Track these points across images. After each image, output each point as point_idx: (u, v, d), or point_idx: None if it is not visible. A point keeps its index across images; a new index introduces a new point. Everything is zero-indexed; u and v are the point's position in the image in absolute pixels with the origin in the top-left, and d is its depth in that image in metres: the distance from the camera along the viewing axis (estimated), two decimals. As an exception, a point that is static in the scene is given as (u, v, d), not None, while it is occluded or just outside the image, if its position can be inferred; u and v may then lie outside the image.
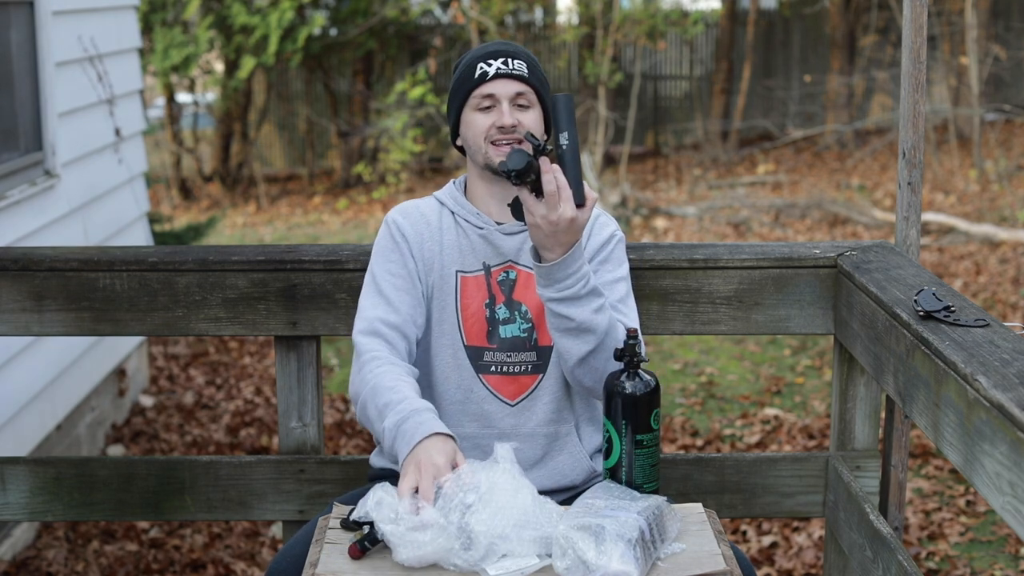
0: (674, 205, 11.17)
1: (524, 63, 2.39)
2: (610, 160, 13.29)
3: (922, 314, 2.25)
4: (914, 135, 2.77)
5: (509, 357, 2.40)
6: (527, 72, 2.38)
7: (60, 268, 2.81)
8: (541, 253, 2.21)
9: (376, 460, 2.54)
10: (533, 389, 2.41)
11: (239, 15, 12.08)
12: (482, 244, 2.43)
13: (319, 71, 13.85)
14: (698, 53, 15.57)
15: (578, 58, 14.14)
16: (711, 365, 6.51)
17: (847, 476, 2.78)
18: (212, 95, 13.96)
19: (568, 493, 2.43)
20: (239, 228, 11.40)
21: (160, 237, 7.05)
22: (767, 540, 4.25)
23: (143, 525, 4.45)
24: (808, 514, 2.95)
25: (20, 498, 2.90)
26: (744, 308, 2.83)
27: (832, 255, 2.82)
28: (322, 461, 2.88)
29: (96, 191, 5.27)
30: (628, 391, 2.18)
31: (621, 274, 2.45)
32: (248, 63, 12.17)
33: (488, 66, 2.37)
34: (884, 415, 2.90)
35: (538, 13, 15.02)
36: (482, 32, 12.39)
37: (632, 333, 2.21)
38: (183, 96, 14.03)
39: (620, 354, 2.21)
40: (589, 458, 2.45)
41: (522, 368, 2.40)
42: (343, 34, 13.24)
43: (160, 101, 14.70)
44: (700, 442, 5.31)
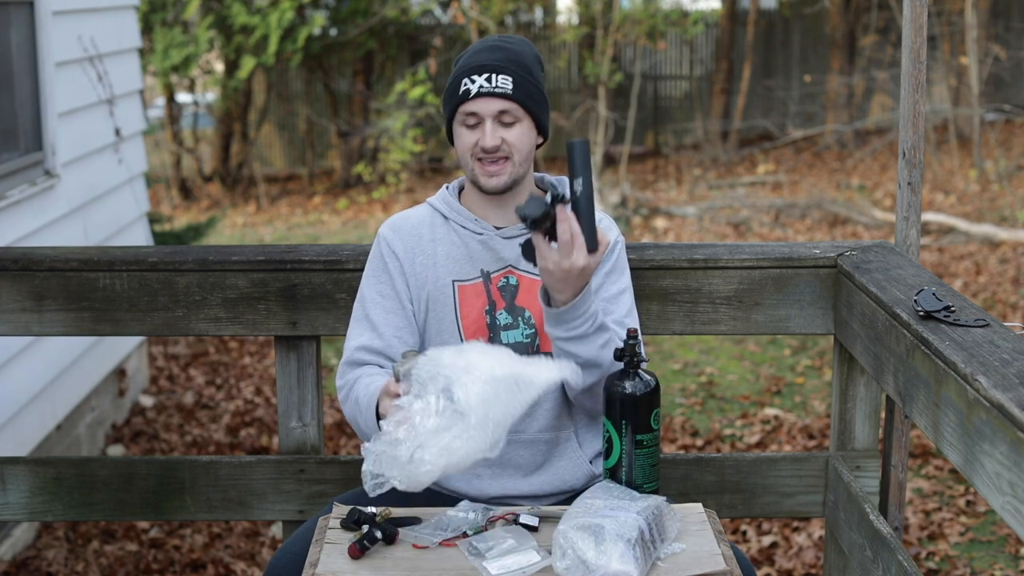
0: (674, 205, 11.17)
1: (509, 77, 2.32)
2: (610, 160, 13.30)
3: (922, 314, 2.25)
4: (914, 135, 2.77)
5: None
6: (512, 88, 2.32)
7: (60, 268, 2.81)
8: (552, 295, 2.21)
9: (376, 460, 2.55)
10: None
11: (239, 15, 12.08)
12: (480, 250, 2.41)
13: (319, 71, 13.85)
14: (698, 53, 15.57)
15: (578, 58, 14.14)
16: (711, 365, 6.51)
17: (847, 476, 2.78)
18: (212, 95, 13.96)
19: (568, 495, 2.43)
20: (239, 228, 11.40)
21: (160, 237, 7.05)
22: (767, 540, 4.25)
23: (143, 525, 4.45)
24: (808, 514, 2.95)
25: (20, 498, 2.90)
26: (744, 308, 2.83)
27: (832, 255, 2.82)
28: (322, 461, 2.88)
29: (96, 191, 5.27)
30: (628, 391, 2.18)
31: (624, 284, 2.46)
32: (248, 63, 12.17)
33: (471, 83, 2.33)
34: (884, 415, 2.90)
35: (538, 13, 15.02)
36: (482, 32, 12.39)
37: (632, 333, 2.21)
38: (183, 96, 14.03)
39: (620, 354, 2.21)
40: (589, 463, 2.45)
41: None
42: (343, 34, 13.24)
43: (160, 101, 14.70)
44: (700, 442, 5.31)
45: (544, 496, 2.42)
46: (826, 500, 2.91)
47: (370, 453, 1.95)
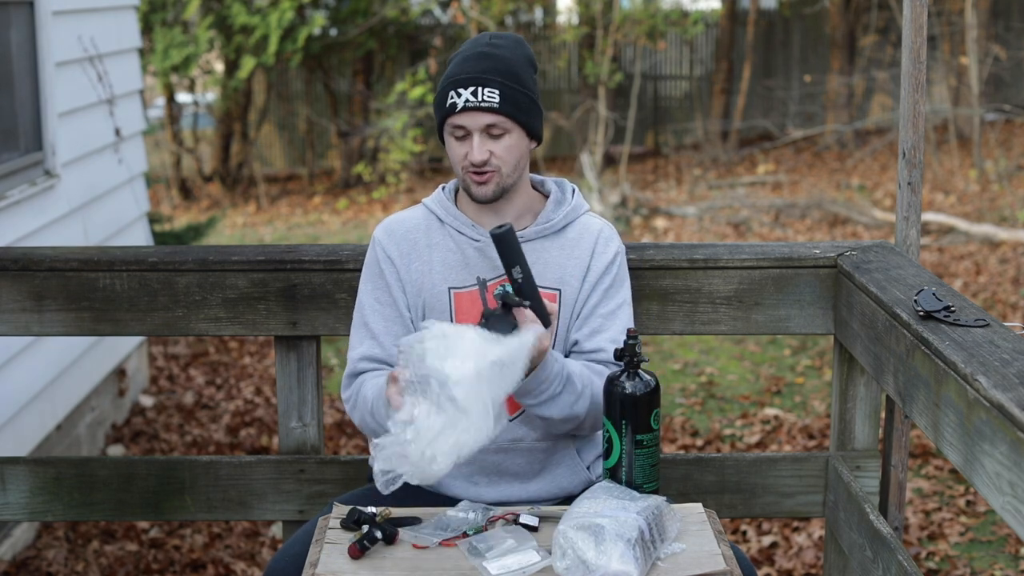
0: (674, 205, 11.17)
1: (496, 90, 2.28)
2: (610, 160, 13.30)
3: (922, 314, 2.25)
4: (914, 135, 2.77)
5: None
6: (498, 101, 2.28)
7: (60, 268, 2.81)
8: None
9: (376, 461, 2.55)
10: None
11: (239, 15, 12.08)
12: (476, 257, 2.39)
13: (319, 71, 13.85)
14: (698, 53, 15.57)
15: (578, 58, 14.14)
16: (711, 365, 6.51)
17: (847, 476, 2.78)
18: (212, 95, 13.96)
19: (566, 502, 2.43)
20: (239, 228, 11.40)
21: (160, 237, 7.05)
22: (767, 540, 4.25)
23: (143, 525, 4.45)
24: (808, 514, 2.95)
25: (20, 498, 2.90)
26: (744, 308, 2.83)
27: (832, 255, 2.82)
28: (322, 461, 2.88)
29: (96, 191, 5.27)
30: (628, 391, 2.18)
31: (622, 298, 2.44)
32: (248, 63, 12.17)
33: (458, 96, 2.30)
34: (884, 415, 2.90)
35: (538, 13, 15.01)
36: (482, 32, 12.39)
37: (632, 333, 2.21)
38: (183, 96, 14.03)
39: (620, 354, 2.21)
40: (587, 469, 2.44)
41: None
42: (343, 34, 13.24)
43: (160, 101, 14.70)
44: (700, 442, 5.31)
45: (542, 500, 2.41)
46: (826, 500, 2.91)
47: (381, 450, 1.98)
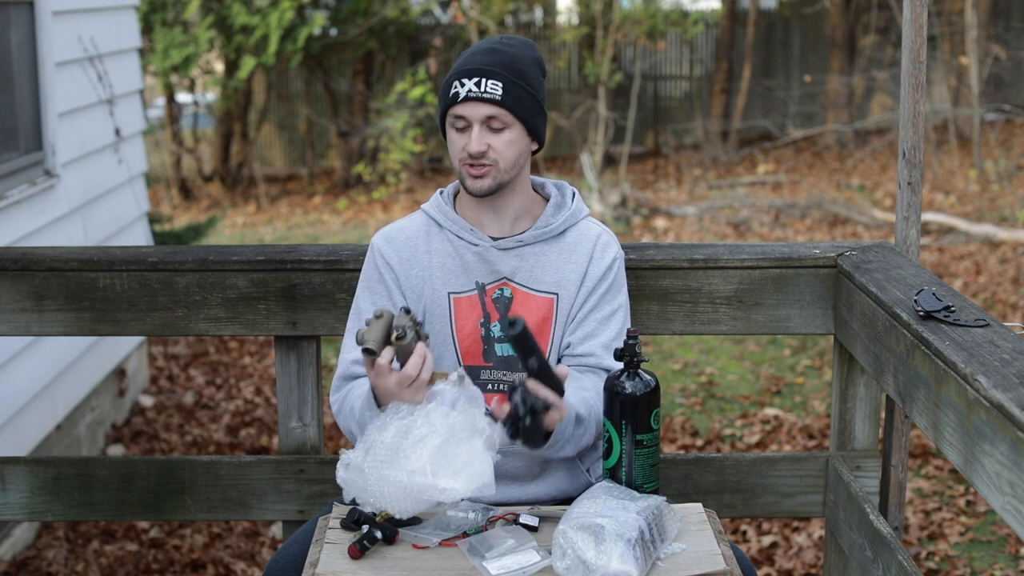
0: (674, 205, 11.17)
1: (499, 83, 2.29)
2: (610, 160, 13.30)
3: (922, 314, 2.25)
4: (914, 135, 2.77)
5: (505, 376, 2.38)
6: (501, 94, 2.29)
7: (60, 268, 2.81)
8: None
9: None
10: None
11: (239, 15, 12.08)
12: (475, 262, 2.39)
13: (319, 71, 13.85)
14: (698, 53, 15.58)
15: (578, 58, 14.14)
16: (711, 365, 6.51)
17: (847, 476, 2.78)
18: (212, 95, 13.96)
19: (565, 498, 2.43)
20: (239, 228, 11.40)
21: (160, 237, 7.05)
22: (767, 540, 4.25)
23: (143, 525, 4.45)
24: (808, 514, 2.95)
25: (20, 498, 2.90)
26: (744, 308, 2.83)
27: (832, 255, 2.82)
28: (322, 461, 2.88)
29: (96, 191, 5.27)
30: (628, 391, 2.18)
31: (618, 303, 2.44)
32: (248, 63, 12.17)
33: (461, 86, 2.30)
34: (884, 415, 2.90)
35: (538, 13, 15.02)
36: (482, 32, 12.40)
37: (632, 333, 2.21)
38: (183, 96, 14.03)
39: (620, 354, 2.21)
40: (587, 472, 2.44)
41: None
42: (343, 34, 13.24)
43: (160, 101, 14.70)
44: (700, 442, 5.31)
45: (542, 502, 2.41)
46: (826, 500, 2.91)
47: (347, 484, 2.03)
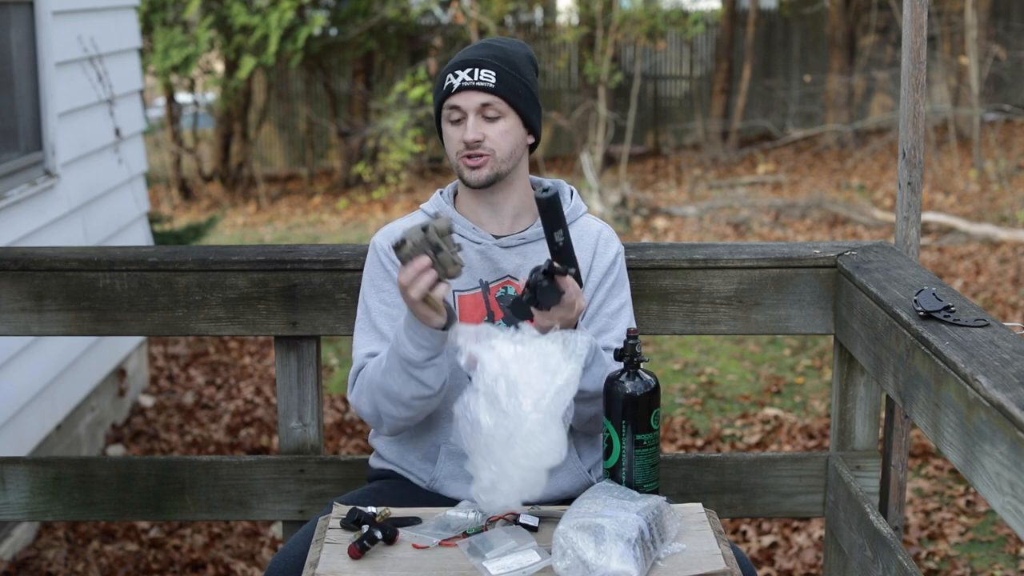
0: (674, 205, 11.17)
1: (493, 72, 2.31)
2: (610, 160, 13.30)
3: (922, 314, 2.25)
4: (914, 135, 2.77)
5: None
6: (494, 82, 2.30)
7: (60, 268, 2.81)
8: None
9: (375, 461, 2.54)
10: None
11: (239, 15, 12.08)
12: (478, 260, 2.39)
13: (319, 71, 13.85)
14: (698, 53, 15.58)
15: (578, 58, 14.14)
16: (711, 365, 6.51)
17: (847, 476, 2.78)
18: (212, 95, 13.96)
19: (566, 499, 2.42)
20: (239, 228, 11.40)
21: (160, 237, 7.05)
22: (767, 540, 4.25)
23: (143, 525, 4.45)
24: (808, 514, 2.95)
25: (20, 498, 2.90)
26: (744, 308, 2.83)
27: (832, 255, 2.82)
28: (322, 461, 2.88)
29: (96, 191, 5.27)
30: (628, 391, 2.18)
31: (625, 297, 2.46)
32: (248, 63, 12.17)
33: (455, 77, 2.32)
34: (884, 415, 2.90)
35: (538, 13, 15.01)
36: (482, 32, 12.39)
37: (632, 333, 2.21)
38: (183, 96, 14.03)
39: (620, 354, 2.21)
40: (588, 472, 2.44)
41: None
42: (343, 34, 13.24)
43: (160, 101, 14.70)
44: (700, 442, 5.31)
45: (542, 502, 2.40)
46: (826, 500, 2.91)
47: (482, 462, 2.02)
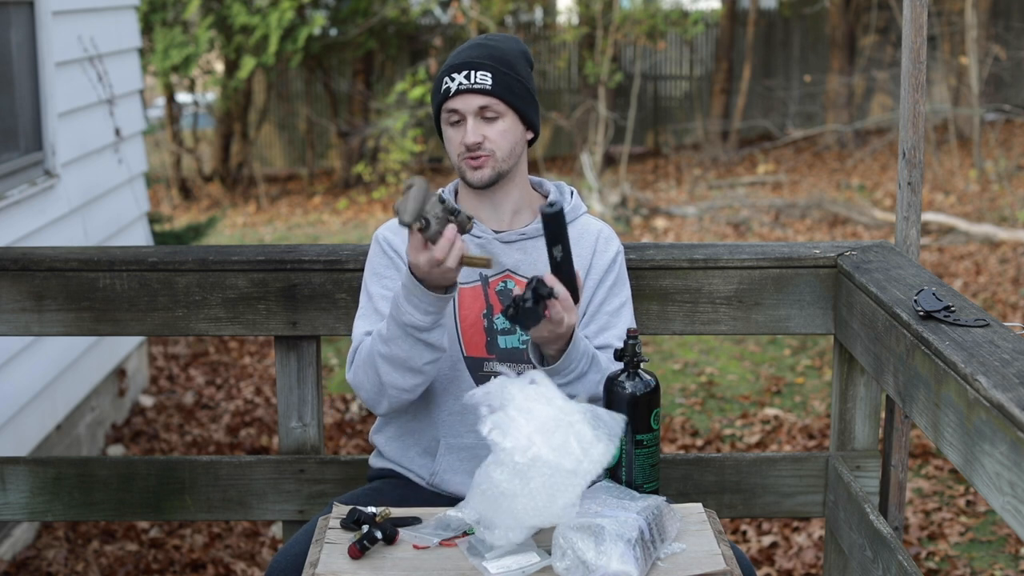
0: (674, 205, 11.17)
1: (488, 73, 2.32)
2: (610, 160, 13.30)
3: (922, 314, 2.25)
4: (914, 135, 2.77)
5: (508, 368, 2.39)
6: (491, 83, 2.32)
7: (60, 268, 2.81)
8: (544, 350, 2.27)
9: (375, 461, 2.54)
10: None
11: (239, 15, 12.08)
12: (479, 254, 2.40)
13: (319, 71, 13.85)
14: (698, 53, 15.57)
15: (578, 58, 14.14)
16: (711, 365, 6.51)
17: (847, 476, 2.78)
18: (212, 95, 13.96)
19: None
20: (239, 228, 11.40)
21: (160, 237, 7.05)
22: (767, 540, 4.25)
23: (143, 525, 4.45)
24: (808, 514, 2.95)
25: (20, 498, 2.90)
26: (744, 308, 2.83)
27: (832, 255, 2.82)
28: (322, 461, 2.88)
29: (96, 191, 5.27)
30: (628, 391, 2.18)
31: (625, 296, 2.48)
32: (248, 63, 12.17)
33: (451, 81, 2.33)
34: (884, 415, 2.90)
35: (538, 13, 15.01)
36: (482, 32, 12.40)
37: (632, 333, 2.21)
38: (183, 96, 14.03)
39: (620, 354, 2.21)
40: None
41: None
42: (343, 34, 13.24)
43: (160, 101, 14.70)
44: (700, 442, 5.31)
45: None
46: (826, 500, 2.91)
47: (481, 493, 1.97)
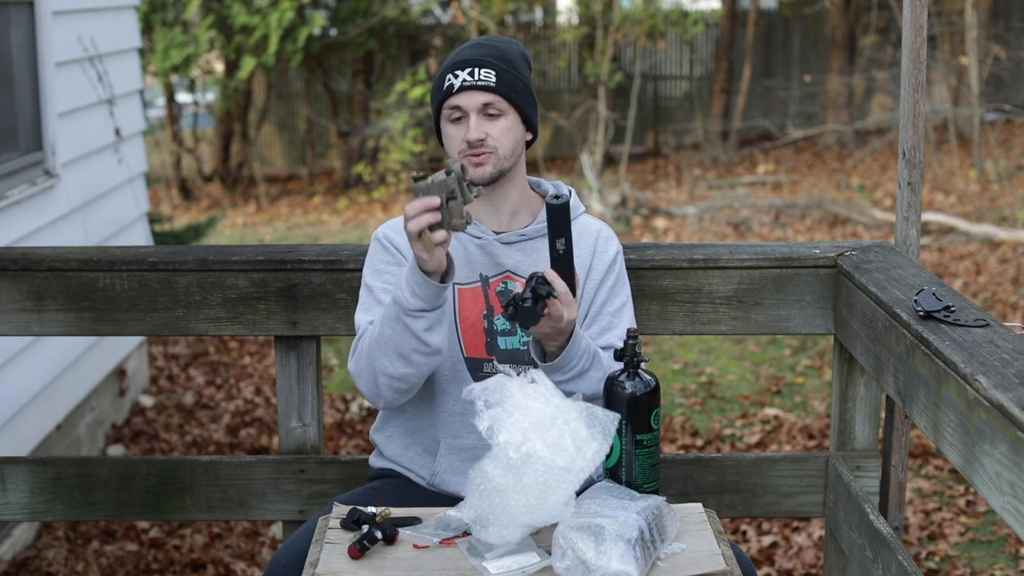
0: (674, 205, 11.17)
1: (492, 71, 2.33)
2: (610, 160, 13.30)
3: (922, 314, 2.25)
4: (914, 135, 2.77)
5: (509, 368, 2.38)
6: (495, 81, 2.33)
7: (60, 268, 2.81)
8: (545, 347, 2.28)
9: (375, 461, 2.54)
10: None
11: (239, 15, 12.08)
12: (479, 255, 2.41)
13: (319, 71, 13.85)
14: (698, 53, 15.57)
15: (578, 58, 14.14)
16: (711, 365, 6.51)
17: (847, 476, 2.78)
18: (212, 95, 13.96)
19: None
20: (239, 228, 11.40)
21: (160, 237, 7.05)
22: (767, 540, 4.25)
23: (143, 525, 4.45)
24: (808, 514, 2.95)
25: (20, 498, 2.90)
26: (744, 308, 2.83)
27: (832, 255, 2.82)
28: (322, 461, 2.88)
29: (96, 191, 5.27)
30: (628, 391, 2.19)
31: (625, 296, 2.49)
32: (248, 63, 12.17)
33: (455, 78, 2.34)
34: (884, 415, 2.90)
35: (538, 13, 15.01)
36: (482, 32, 12.39)
37: (632, 333, 2.21)
38: (183, 96, 14.03)
39: (620, 354, 2.21)
40: None
41: None
42: (343, 34, 13.24)
43: (160, 101, 14.70)
44: (700, 442, 5.31)
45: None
46: (826, 500, 2.91)
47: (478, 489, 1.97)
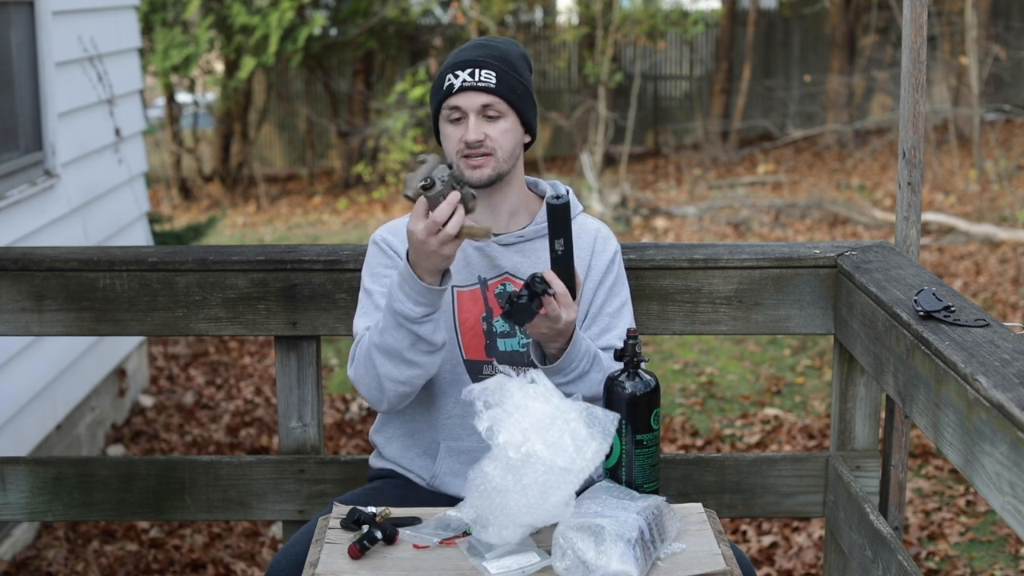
0: (674, 205, 11.17)
1: (493, 72, 2.32)
2: (610, 160, 13.29)
3: (922, 314, 2.25)
4: (914, 135, 2.77)
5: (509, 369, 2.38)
6: (495, 82, 2.32)
7: (60, 268, 2.81)
8: (545, 349, 2.27)
9: (375, 461, 2.54)
10: None
11: (239, 15, 12.08)
12: (477, 257, 2.40)
13: (319, 71, 13.85)
14: (698, 53, 15.57)
15: (578, 58, 14.14)
16: (711, 365, 6.51)
17: (847, 476, 2.78)
18: (212, 95, 13.96)
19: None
20: (239, 228, 11.40)
21: (160, 237, 7.05)
22: (767, 540, 4.25)
23: (143, 525, 4.45)
24: (808, 514, 2.95)
25: (20, 498, 2.90)
26: (744, 308, 2.83)
27: (832, 255, 2.82)
28: (322, 461, 2.88)
29: (96, 191, 5.27)
30: (628, 391, 2.19)
31: (625, 296, 2.48)
32: (248, 63, 12.17)
33: (455, 78, 2.33)
34: (884, 415, 2.90)
35: (538, 13, 15.01)
36: (482, 32, 12.39)
37: (632, 333, 2.21)
38: (183, 96, 14.03)
39: (620, 354, 2.21)
40: None
41: None
42: (343, 34, 13.24)
43: (160, 101, 14.70)
44: (700, 442, 5.31)
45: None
46: (826, 500, 2.91)
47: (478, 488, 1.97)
